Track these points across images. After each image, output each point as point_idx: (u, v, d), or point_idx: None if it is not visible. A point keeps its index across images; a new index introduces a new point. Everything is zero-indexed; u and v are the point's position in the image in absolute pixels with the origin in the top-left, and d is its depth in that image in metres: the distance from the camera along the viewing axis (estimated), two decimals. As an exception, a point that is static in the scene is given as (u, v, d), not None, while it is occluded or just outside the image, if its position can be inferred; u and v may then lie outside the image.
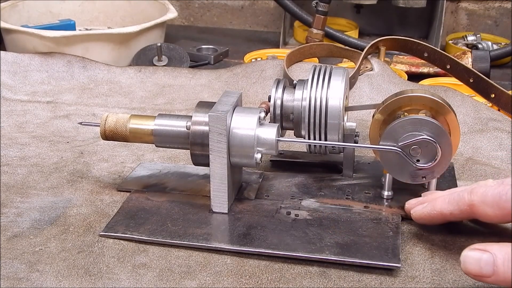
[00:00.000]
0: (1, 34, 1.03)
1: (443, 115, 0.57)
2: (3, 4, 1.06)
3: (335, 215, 0.56)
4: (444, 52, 0.84)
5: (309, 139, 0.60)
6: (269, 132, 0.55)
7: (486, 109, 0.78)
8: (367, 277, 0.49)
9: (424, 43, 0.85)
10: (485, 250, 0.43)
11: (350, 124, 0.61)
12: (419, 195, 0.56)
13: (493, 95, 0.80)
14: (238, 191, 0.60)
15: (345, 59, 0.97)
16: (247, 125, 0.54)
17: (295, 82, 0.61)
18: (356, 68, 0.84)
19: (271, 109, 0.60)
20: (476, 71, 0.82)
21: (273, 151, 0.55)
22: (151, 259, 0.51)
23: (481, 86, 0.81)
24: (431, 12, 1.17)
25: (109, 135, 0.59)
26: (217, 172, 0.55)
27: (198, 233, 0.53)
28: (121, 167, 0.67)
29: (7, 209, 0.58)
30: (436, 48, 0.85)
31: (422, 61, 0.91)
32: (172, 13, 1.07)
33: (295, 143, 0.70)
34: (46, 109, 0.82)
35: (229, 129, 0.54)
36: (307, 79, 0.60)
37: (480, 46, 1.10)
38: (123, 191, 0.61)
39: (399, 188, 0.59)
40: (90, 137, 0.75)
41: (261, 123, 0.56)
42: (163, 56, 1.02)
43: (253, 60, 1.04)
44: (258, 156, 0.55)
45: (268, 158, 0.68)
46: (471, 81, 0.82)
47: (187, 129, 0.56)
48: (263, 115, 0.56)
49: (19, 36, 0.98)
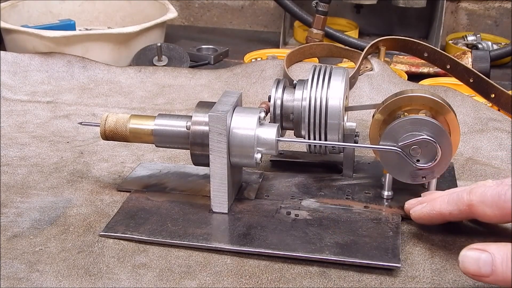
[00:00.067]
0: (1, 34, 1.03)
1: (443, 115, 0.57)
2: (3, 4, 1.06)
3: (335, 215, 0.56)
4: (444, 52, 0.84)
5: (309, 139, 0.60)
6: (269, 132, 0.55)
7: (486, 109, 0.78)
8: (367, 277, 0.49)
9: (424, 43, 0.85)
10: (483, 250, 0.43)
11: (350, 124, 0.61)
12: (419, 195, 0.56)
13: (493, 95, 0.79)
14: (238, 191, 0.60)
15: (345, 59, 0.97)
16: (247, 125, 0.54)
17: (295, 82, 0.61)
18: (356, 68, 0.84)
19: (271, 109, 0.60)
20: (476, 71, 0.82)
21: (273, 151, 0.55)
22: (151, 259, 0.51)
23: (481, 86, 0.81)
24: (431, 12, 1.17)
25: (109, 135, 0.59)
26: (217, 172, 0.55)
27: (198, 233, 0.53)
28: (121, 167, 0.67)
29: (7, 209, 0.58)
30: (436, 48, 0.85)
31: (422, 61, 0.91)
32: (172, 13, 1.07)
33: (295, 143, 0.70)
34: (46, 109, 0.82)
35: (229, 129, 0.54)
36: (307, 79, 0.60)
37: (480, 46, 1.10)
38: (123, 191, 0.61)
39: (399, 188, 0.59)
40: (90, 137, 0.75)
41: (261, 123, 0.56)
42: (163, 56, 1.02)
43: (253, 60, 1.04)
44: (258, 156, 0.55)
45: (268, 158, 0.68)
46: (471, 81, 0.82)
47: (187, 129, 0.56)
48: (263, 115, 0.56)
49: (19, 36, 0.98)
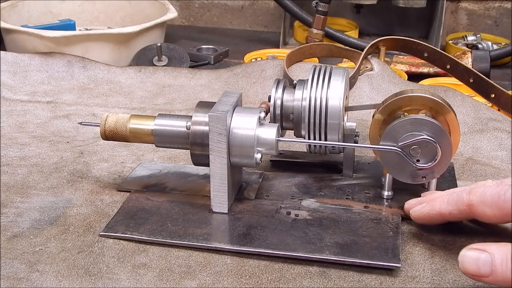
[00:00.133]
0: (1, 34, 1.03)
1: (443, 115, 0.57)
2: (3, 4, 1.06)
3: (335, 215, 0.56)
4: (444, 52, 0.84)
5: (309, 139, 0.60)
6: (269, 132, 0.55)
7: (486, 109, 0.78)
8: (367, 277, 0.49)
9: (424, 43, 0.85)
10: (483, 250, 0.43)
11: (350, 124, 0.61)
12: (419, 195, 0.56)
13: (493, 95, 0.79)
14: (238, 191, 0.60)
15: (345, 59, 0.97)
16: (247, 125, 0.54)
17: (295, 82, 0.61)
18: (356, 68, 0.84)
19: (271, 109, 0.60)
20: (476, 71, 0.82)
21: (273, 151, 0.55)
22: (151, 259, 0.51)
23: (481, 86, 0.81)
24: (431, 12, 1.17)
25: (109, 135, 0.59)
26: (217, 172, 0.55)
27: (198, 233, 0.53)
28: (121, 167, 0.67)
29: (7, 209, 0.58)
30: (436, 48, 0.85)
31: (422, 61, 0.91)
32: (172, 13, 1.07)
33: (295, 143, 0.70)
34: (46, 109, 0.82)
35: (229, 129, 0.54)
36: (307, 79, 0.60)
37: (480, 46, 1.10)
38: (123, 191, 0.61)
39: (399, 188, 0.59)
40: (90, 137, 0.75)
41: (261, 123, 0.56)
42: (163, 56, 1.02)
43: (253, 60, 1.04)
44: (258, 156, 0.55)
45: (268, 158, 0.68)
46: (471, 81, 0.82)
47: (187, 129, 0.56)
48: (263, 115, 0.56)
49: (19, 36, 0.98)
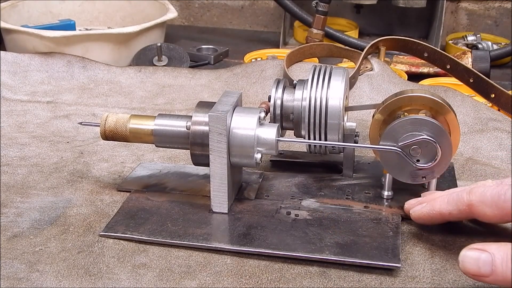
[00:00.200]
0: (1, 34, 1.03)
1: (443, 115, 0.57)
2: (3, 4, 1.06)
3: (335, 215, 0.56)
4: (444, 52, 0.84)
5: (309, 139, 0.60)
6: (269, 132, 0.55)
7: (486, 109, 0.78)
8: (367, 277, 0.49)
9: (424, 43, 0.85)
10: (483, 249, 0.43)
11: (350, 124, 0.61)
12: (419, 195, 0.56)
13: (493, 95, 0.79)
14: (238, 191, 0.60)
15: (345, 59, 0.97)
16: (247, 125, 0.54)
17: (295, 82, 0.61)
18: (356, 68, 0.84)
19: (271, 109, 0.60)
20: (476, 71, 0.82)
21: (273, 151, 0.55)
22: (151, 259, 0.51)
23: (481, 86, 0.81)
24: (431, 12, 1.17)
25: (109, 135, 0.59)
26: (217, 172, 0.55)
27: (198, 233, 0.53)
28: (121, 167, 0.67)
29: (7, 209, 0.58)
30: (436, 48, 0.85)
31: (422, 61, 0.91)
32: (172, 13, 1.07)
33: (295, 143, 0.70)
34: (46, 109, 0.82)
35: (229, 129, 0.54)
36: (307, 79, 0.60)
37: (480, 46, 1.10)
38: (123, 191, 0.61)
39: (399, 188, 0.59)
40: (90, 137, 0.75)
41: (261, 123, 0.56)
42: (163, 56, 1.02)
43: (253, 60, 1.04)
44: (258, 156, 0.55)
45: (268, 158, 0.68)
46: (471, 81, 0.82)
47: (187, 129, 0.56)
48: (263, 115, 0.56)
49: (19, 36, 0.98)
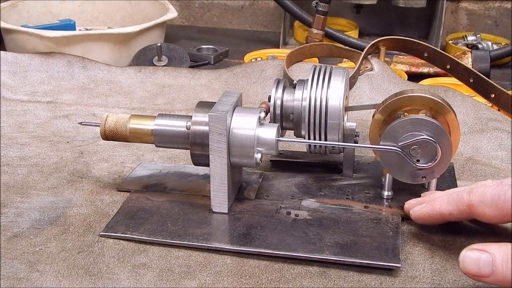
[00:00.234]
0: (1, 34, 1.03)
1: (443, 115, 0.57)
2: (3, 4, 1.06)
3: (335, 215, 0.56)
4: (444, 52, 0.84)
5: (309, 139, 0.60)
6: (269, 132, 0.55)
7: (486, 109, 0.78)
8: (367, 277, 0.49)
9: (424, 43, 0.85)
10: (483, 250, 0.43)
11: (350, 124, 0.61)
12: (419, 195, 0.56)
13: (493, 95, 0.79)
14: (238, 191, 0.60)
15: (345, 59, 0.97)
16: (247, 125, 0.54)
17: (295, 82, 0.61)
18: (356, 68, 0.84)
19: (271, 109, 0.60)
20: (476, 71, 0.82)
21: (273, 151, 0.55)
22: (151, 259, 0.51)
23: (481, 86, 0.81)
24: (431, 12, 1.17)
25: (109, 135, 0.59)
26: (217, 172, 0.55)
27: (198, 233, 0.53)
28: (121, 167, 0.67)
29: (7, 209, 0.58)
30: (436, 48, 0.85)
31: (422, 61, 0.91)
32: (172, 13, 1.07)
33: (295, 143, 0.70)
34: (46, 109, 0.82)
35: (229, 129, 0.54)
36: (307, 79, 0.60)
37: (480, 46, 1.10)
38: (123, 191, 0.61)
39: (399, 188, 0.59)
40: (90, 137, 0.75)
41: (261, 123, 0.56)
42: (163, 56, 1.02)
43: (253, 60, 1.04)
44: (258, 156, 0.55)
45: (268, 158, 0.68)
46: (471, 81, 0.82)
47: (187, 129, 0.56)
48: (263, 115, 0.56)
49: (19, 36, 0.98)
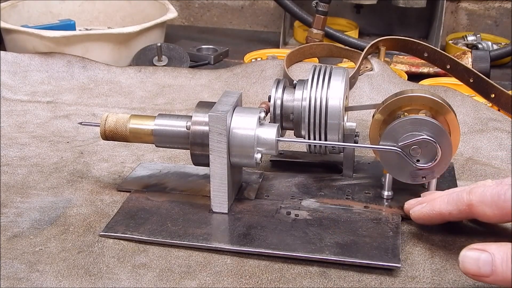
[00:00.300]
0: (1, 34, 1.03)
1: (443, 115, 0.57)
2: (3, 4, 1.06)
3: (335, 215, 0.56)
4: (444, 52, 0.84)
5: (309, 139, 0.60)
6: (269, 132, 0.55)
7: (486, 109, 0.78)
8: (367, 277, 0.49)
9: (424, 43, 0.85)
10: (483, 250, 0.43)
11: (350, 124, 0.61)
12: (419, 195, 0.56)
13: (493, 95, 0.79)
14: (238, 191, 0.60)
15: (345, 59, 0.97)
16: (247, 125, 0.54)
17: (295, 82, 0.61)
18: (356, 68, 0.84)
19: (271, 109, 0.60)
20: (476, 71, 0.82)
21: (273, 151, 0.55)
22: (151, 259, 0.51)
23: (481, 86, 0.81)
24: (431, 12, 1.17)
25: (109, 135, 0.59)
26: (217, 172, 0.55)
27: (198, 233, 0.53)
28: (121, 167, 0.67)
29: (7, 209, 0.58)
30: (436, 48, 0.85)
31: (422, 61, 0.91)
32: (172, 13, 1.07)
33: (295, 143, 0.70)
34: (46, 109, 0.82)
35: (229, 129, 0.54)
36: (307, 79, 0.60)
37: (480, 46, 1.10)
38: (123, 191, 0.61)
39: (399, 188, 0.59)
40: (90, 137, 0.75)
41: (261, 123, 0.56)
42: (163, 56, 1.02)
43: (253, 60, 1.04)
44: (258, 156, 0.55)
45: (268, 158, 0.68)
46: (471, 81, 0.82)
47: (187, 129, 0.56)
48: (263, 115, 0.56)
49: (19, 36, 0.98)
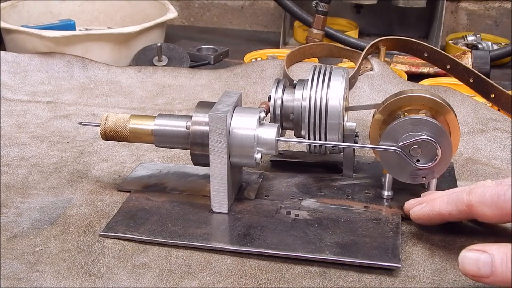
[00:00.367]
0: (1, 34, 1.03)
1: (443, 115, 0.57)
2: (3, 4, 1.06)
3: (335, 215, 0.56)
4: (444, 52, 0.84)
5: (309, 139, 0.60)
6: (269, 132, 0.55)
7: (486, 109, 0.78)
8: (367, 277, 0.49)
9: (424, 43, 0.85)
10: (483, 250, 0.43)
11: (350, 124, 0.61)
12: (419, 195, 0.56)
13: (493, 95, 0.79)
14: (238, 191, 0.60)
15: (345, 59, 0.97)
16: (247, 125, 0.54)
17: (295, 82, 0.61)
18: (356, 68, 0.84)
19: (271, 109, 0.60)
20: (476, 71, 0.82)
21: (273, 151, 0.55)
22: (151, 259, 0.51)
23: (481, 86, 0.81)
24: (431, 12, 1.17)
25: (109, 135, 0.59)
26: (217, 172, 0.55)
27: (198, 233, 0.53)
28: (121, 167, 0.67)
29: (7, 209, 0.58)
30: (436, 48, 0.85)
31: (422, 61, 0.91)
32: (172, 13, 1.07)
33: (295, 143, 0.70)
34: (46, 109, 0.82)
35: (229, 129, 0.54)
36: (307, 79, 0.60)
37: (480, 46, 1.10)
38: (123, 191, 0.61)
39: (399, 188, 0.59)
40: (90, 137, 0.75)
41: (261, 123, 0.56)
42: (163, 56, 1.02)
43: (253, 60, 1.04)
44: (258, 156, 0.55)
45: (268, 158, 0.68)
46: (471, 81, 0.82)
47: (187, 129, 0.56)
48: (263, 115, 0.56)
49: (19, 36, 0.98)
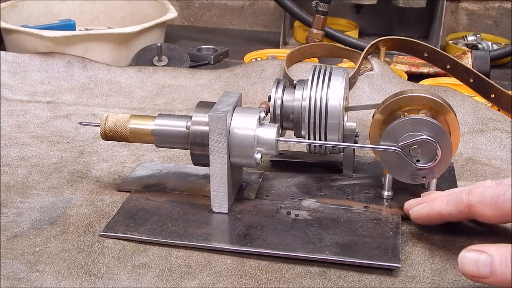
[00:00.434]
0: (1, 34, 1.03)
1: (443, 115, 0.57)
2: (3, 4, 1.06)
3: (335, 215, 0.56)
4: (444, 52, 0.84)
5: (309, 139, 0.60)
6: (269, 132, 0.55)
7: (486, 109, 0.78)
8: (367, 277, 0.49)
9: (424, 43, 0.85)
10: (482, 251, 0.43)
11: (350, 124, 0.61)
12: (419, 195, 0.56)
13: (493, 95, 0.80)
14: (238, 191, 0.60)
15: (345, 59, 0.97)
16: (247, 125, 0.54)
17: (295, 82, 0.61)
18: (356, 68, 0.84)
19: (271, 109, 0.60)
20: (476, 71, 0.82)
21: (273, 151, 0.55)
22: (151, 259, 0.51)
23: (481, 86, 0.81)
24: (431, 12, 1.17)
25: (109, 135, 0.59)
26: (217, 172, 0.55)
27: (198, 233, 0.53)
28: (121, 167, 0.67)
29: (7, 209, 0.58)
30: (436, 48, 0.85)
31: (422, 61, 0.91)
32: (172, 13, 1.07)
33: (295, 143, 0.70)
34: (46, 109, 0.82)
35: (229, 129, 0.54)
36: (307, 79, 0.60)
37: (480, 46, 1.10)
38: (123, 191, 0.61)
39: (399, 188, 0.59)
40: (90, 137, 0.75)
41: (261, 123, 0.56)
42: (163, 56, 1.02)
43: (253, 60, 1.04)
44: (258, 156, 0.55)
45: (268, 158, 0.68)
46: (471, 81, 0.82)
47: (187, 129, 0.56)
48: (263, 115, 0.56)
49: (19, 36, 0.98)
